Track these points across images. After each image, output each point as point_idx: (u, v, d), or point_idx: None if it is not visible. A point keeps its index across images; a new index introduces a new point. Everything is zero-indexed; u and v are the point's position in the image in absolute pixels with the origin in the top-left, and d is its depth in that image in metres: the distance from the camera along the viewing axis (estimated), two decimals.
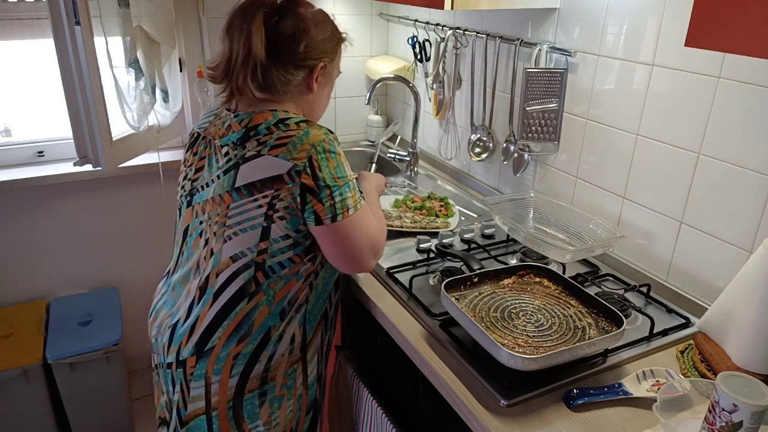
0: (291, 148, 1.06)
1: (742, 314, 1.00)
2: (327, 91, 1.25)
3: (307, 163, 1.06)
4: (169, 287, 1.22)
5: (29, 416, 1.94)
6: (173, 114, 2.12)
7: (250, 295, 1.11)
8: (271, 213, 1.07)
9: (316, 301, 1.19)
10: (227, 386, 1.12)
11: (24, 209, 2.05)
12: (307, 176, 1.06)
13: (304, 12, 1.14)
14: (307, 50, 1.13)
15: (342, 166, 1.10)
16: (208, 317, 1.11)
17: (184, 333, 1.13)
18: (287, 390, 1.18)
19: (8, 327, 1.98)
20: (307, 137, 1.07)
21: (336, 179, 1.07)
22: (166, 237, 2.31)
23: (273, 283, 1.11)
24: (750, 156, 1.12)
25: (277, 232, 1.09)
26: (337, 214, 1.07)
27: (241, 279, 1.10)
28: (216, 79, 1.16)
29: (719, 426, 0.81)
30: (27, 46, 1.97)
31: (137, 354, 2.43)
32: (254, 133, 1.10)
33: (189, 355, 1.12)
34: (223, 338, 1.11)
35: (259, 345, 1.12)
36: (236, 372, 1.12)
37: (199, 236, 1.15)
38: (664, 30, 1.24)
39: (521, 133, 1.57)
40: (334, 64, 1.23)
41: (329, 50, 1.18)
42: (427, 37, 1.99)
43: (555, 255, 1.33)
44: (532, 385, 1.01)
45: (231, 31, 1.11)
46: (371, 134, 2.40)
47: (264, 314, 1.12)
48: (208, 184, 1.15)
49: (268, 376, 1.14)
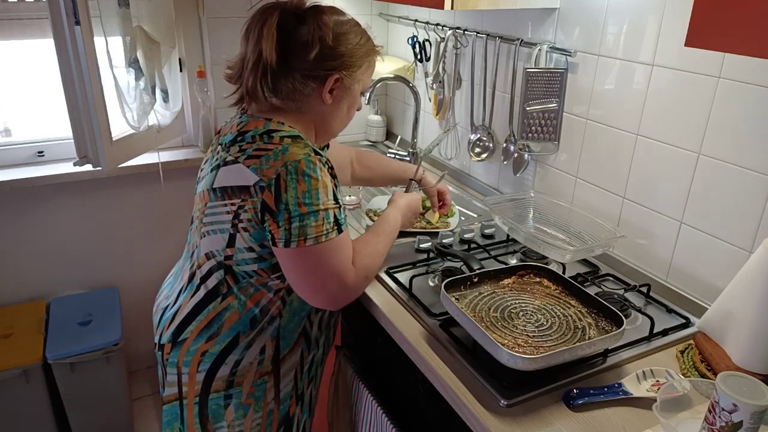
0: (263, 162, 1.03)
1: (742, 314, 1.00)
2: (346, 105, 1.17)
3: (274, 180, 1.01)
4: (177, 269, 1.25)
5: (29, 416, 1.94)
6: (173, 114, 2.12)
7: (223, 296, 1.10)
8: (237, 222, 1.05)
9: (291, 317, 1.15)
10: (195, 380, 1.13)
11: (24, 209, 2.05)
12: (270, 195, 1.01)
13: (327, 20, 1.08)
14: (317, 60, 1.07)
15: (314, 191, 1.02)
16: (188, 307, 1.13)
17: (168, 318, 1.16)
18: (255, 400, 1.15)
19: (8, 327, 1.98)
20: (284, 154, 1.02)
21: (301, 205, 1.01)
22: (166, 237, 2.31)
23: (243, 289, 1.10)
24: (750, 156, 1.12)
25: (241, 242, 1.07)
26: (291, 240, 1.02)
27: (215, 278, 1.10)
28: (231, 79, 1.14)
29: (719, 426, 0.81)
30: (27, 46, 1.96)
31: (137, 354, 2.43)
32: (241, 138, 1.08)
33: (166, 341, 1.15)
34: (195, 332, 1.11)
35: (226, 347, 1.11)
36: (203, 369, 1.12)
37: (195, 225, 1.17)
38: (664, 30, 1.24)
39: (521, 133, 1.57)
40: (355, 78, 1.14)
41: (348, 63, 1.11)
42: (427, 37, 1.99)
43: (555, 255, 1.33)
44: (532, 385, 1.01)
45: (248, 33, 1.08)
46: (371, 134, 2.40)
47: (234, 318, 1.10)
48: (203, 177, 1.15)
49: (234, 381, 1.12)
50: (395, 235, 1.28)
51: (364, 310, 1.33)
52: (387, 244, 1.24)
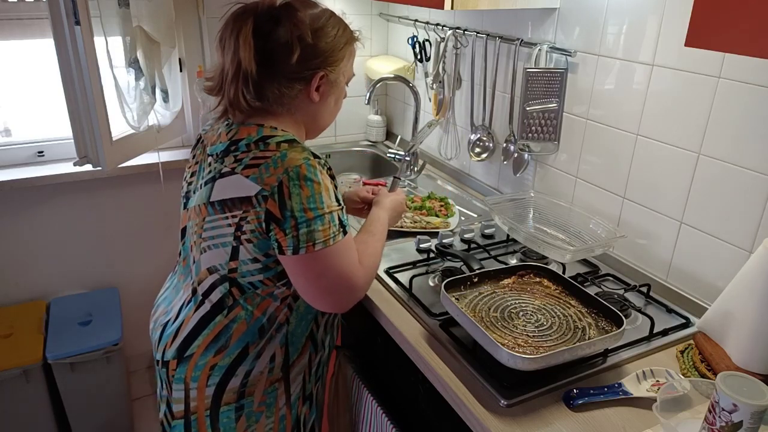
0: (263, 170, 0.99)
1: (742, 314, 1.01)
2: (333, 99, 1.15)
3: (277, 188, 0.98)
4: (172, 284, 1.22)
5: (29, 416, 1.94)
6: (173, 114, 2.12)
7: (229, 308, 1.08)
8: (239, 234, 1.03)
9: (298, 322, 1.13)
10: (205, 394, 1.11)
11: (24, 209, 2.05)
12: (274, 203, 0.98)
13: (302, 16, 1.04)
14: (301, 61, 1.04)
15: (318, 195, 0.99)
16: (191, 322, 1.10)
17: (170, 334, 1.13)
18: (266, 407, 1.14)
19: (8, 327, 1.98)
20: (283, 160, 0.99)
21: (306, 210, 0.98)
22: (166, 237, 2.31)
23: (249, 299, 1.08)
24: (750, 156, 1.12)
25: (245, 254, 1.04)
26: (300, 247, 0.99)
27: (219, 292, 1.08)
28: (212, 91, 1.10)
29: (719, 426, 0.81)
30: (27, 46, 1.96)
31: (137, 354, 2.43)
32: (234, 147, 1.05)
33: (171, 357, 1.12)
34: (202, 347, 1.09)
35: (236, 359, 1.09)
36: (212, 382, 1.10)
37: (192, 240, 1.14)
38: (664, 30, 1.24)
39: (521, 133, 1.57)
40: (340, 70, 1.11)
41: (332, 57, 1.08)
42: (427, 37, 1.99)
43: (555, 255, 1.33)
44: (532, 385, 1.01)
45: (222, 43, 1.05)
46: (371, 134, 2.40)
47: (242, 329, 1.09)
48: (195, 190, 1.13)
49: (245, 391, 1.11)
50: (386, 235, 1.25)
51: (364, 310, 1.33)
52: (382, 243, 1.22)
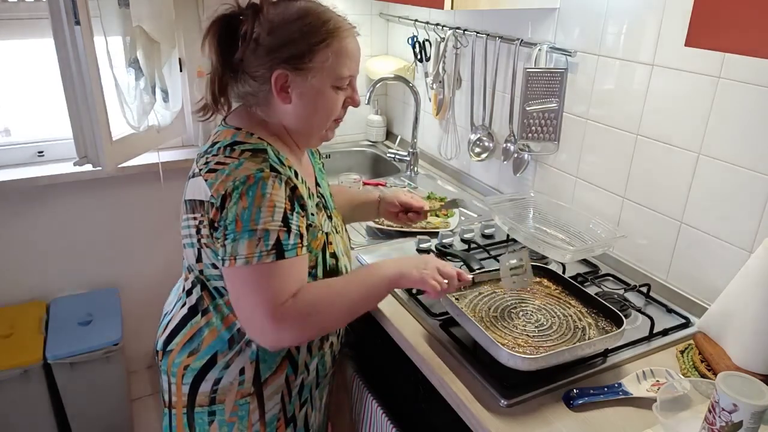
0: (218, 176, 0.97)
1: (742, 314, 1.01)
2: (312, 102, 1.04)
3: (221, 197, 0.95)
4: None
5: (29, 416, 1.94)
6: (173, 114, 2.12)
7: (203, 312, 1.08)
8: (200, 237, 1.02)
9: None
10: (182, 391, 1.11)
11: (24, 209, 2.05)
12: (216, 211, 0.96)
13: (265, 14, 1.00)
14: (251, 61, 1.00)
15: (255, 209, 0.93)
16: (176, 319, 1.12)
17: (163, 325, 1.16)
18: (239, 419, 1.11)
19: (8, 327, 1.98)
20: (237, 169, 0.96)
21: (237, 222, 0.93)
22: (166, 237, 2.31)
23: (219, 307, 1.07)
24: (750, 156, 1.12)
25: (206, 259, 1.04)
26: (225, 259, 0.95)
27: (195, 293, 1.08)
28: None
29: (719, 426, 0.81)
30: (27, 46, 1.96)
31: (137, 354, 2.42)
32: (211, 149, 1.03)
33: (159, 348, 1.15)
34: (180, 345, 1.10)
35: (206, 364, 1.08)
36: (187, 382, 1.10)
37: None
38: (664, 30, 1.24)
39: (521, 133, 1.57)
40: (312, 71, 1.00)
41: (289, 56, 0.99)
42: (427, 37, 1.99)
43: (555, 255, 1.33)
44: (532, 385, 1.01)
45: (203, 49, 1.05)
46: (371, 134, 2.40)
47: (213, 335, 1.07)
48: None
49: (216, 398, 1.09)
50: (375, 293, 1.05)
51: None
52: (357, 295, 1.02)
